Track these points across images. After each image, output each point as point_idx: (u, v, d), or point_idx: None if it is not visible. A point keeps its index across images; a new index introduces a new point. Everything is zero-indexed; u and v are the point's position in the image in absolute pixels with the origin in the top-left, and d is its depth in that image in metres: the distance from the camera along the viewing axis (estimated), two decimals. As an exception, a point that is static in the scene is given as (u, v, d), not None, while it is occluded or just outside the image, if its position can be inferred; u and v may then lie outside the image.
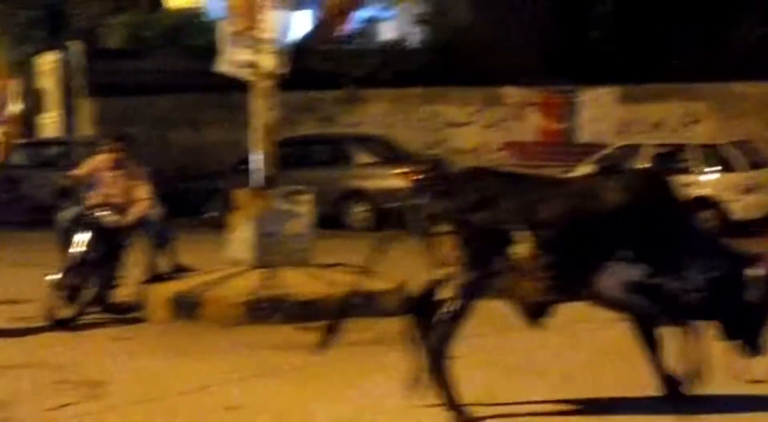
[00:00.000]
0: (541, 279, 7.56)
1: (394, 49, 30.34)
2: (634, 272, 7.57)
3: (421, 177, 19.12)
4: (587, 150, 22.73)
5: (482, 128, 25.25)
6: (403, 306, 8.27)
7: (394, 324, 10.88)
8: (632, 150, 20.98)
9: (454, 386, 7.39)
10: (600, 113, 24.71)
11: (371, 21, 31.63)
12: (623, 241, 7.60)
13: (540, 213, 7.61)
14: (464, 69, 26.17)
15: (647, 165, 19.27)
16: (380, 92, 25.46)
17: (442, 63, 27.37)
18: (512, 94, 25.12)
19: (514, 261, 7.54)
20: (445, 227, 7.63)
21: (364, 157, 22.06)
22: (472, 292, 7.59)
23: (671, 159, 20.37)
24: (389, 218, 9.33)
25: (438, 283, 7.78)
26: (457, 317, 7.56)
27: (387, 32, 32.94)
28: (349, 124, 24.83)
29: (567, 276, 7.64)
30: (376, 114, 25.31)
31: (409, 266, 8.68)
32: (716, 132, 23.08)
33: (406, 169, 21.20)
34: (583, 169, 19.77)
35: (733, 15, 27.16)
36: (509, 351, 9.54)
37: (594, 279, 7.62)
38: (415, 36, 31.89)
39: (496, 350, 9.60)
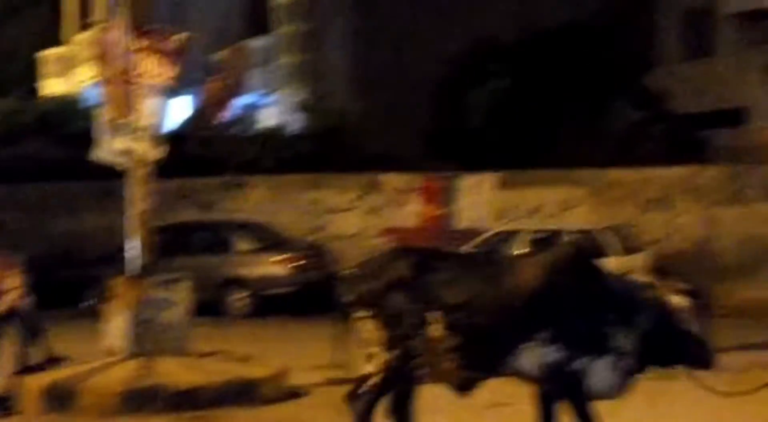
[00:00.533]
0: (453, 359, 7.66)
1: (274, 136, 30.20)
2: (552, 353, 7.62)
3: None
4: (466, 235, 22.85)
5: (363, 214, 25.20)
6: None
7: (274, 412, 10.87)
8: (510, 235, 21.32)
9: None
10: (479, 199, 24.77)
11: (251, 107, 31.39)
12: (542, 321, 7.65)
13: (449, 294, 7.71)
14: (344, 155, 26.25)
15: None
16: (260, 178, 25.35)
17: (322, 149, 27.35)
18: (392, 180, 25.14)
19: (427, 341, 7.67)
20: (363, 311, 7.88)
21: (243, 244, 22.04)
22: (391, 372, 7.77)
23: (548, 244, 20.57)
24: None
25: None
26: (379, 393, 7.84)
27: (267, 119, 32.94)
28: (230, 211, 24.67)
29: (477, 356, 7.70)
30: (257, 200, 25.16)
31: (290, 353, 8.71)
32: (592, 217, 23.47)
33: (285, 256, 21.25)
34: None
35: (607, 102, 27.91)
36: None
37: (510, 358, 7.70)
38: (296, 122, 31.81)
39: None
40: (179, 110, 14.40)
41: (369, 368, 7.91)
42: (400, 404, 7.96)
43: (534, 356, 7.69)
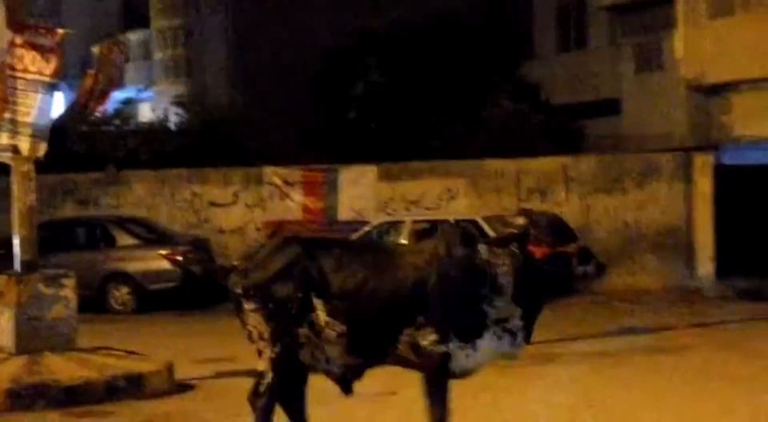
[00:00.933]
0: (338, 345, 7.74)
1: (154, 130, 30.04)
2: (425, 336, 7.69)
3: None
4: (349, 227, 23.07)
5: (245, 207, 25.08)
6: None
7: (161, 406, 10.92)
8: (392, 226, 21.45)
9: None
10: (360, 191, 24.80)
11: (130, 102, 31.26)
12: (422, 306, 7.72)
13: (334, 282, 7.77)
14: (225, 149, 26.24)
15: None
16: (141, 173, 25.07)
17: (202, 143, 27.24)
18: (273, 173, 25.04)
19: (315, 329, 7.73)
20: (251, 303, 7.83)
21: (125, 239, 21.83)
22: (283, 362, 7.79)
23: (431, 234, 20.63)
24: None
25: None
26: (273, 390, 7.81)
27: (146, 113, 32.70)
28: (111, 206, 24.46)
29: (359, 346, 7.78)
30: (138, 195, 24.91)
31: (175, 347, 8.74)
32: (473, 207, 23.69)
33: (168, 251, 21.12)
34: None
35: (484, 94, 28.08)
36: None
37: (393, 345, 7.78)
38: (175, 117, 31.70)
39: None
40: (58, 105, 14.24)
41: (260, 365, 7.90)
42: (291, 394, 8.02)
43: (412, 340, 7.76)
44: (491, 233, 19.67)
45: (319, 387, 8.19)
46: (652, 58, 28.97)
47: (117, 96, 24.60)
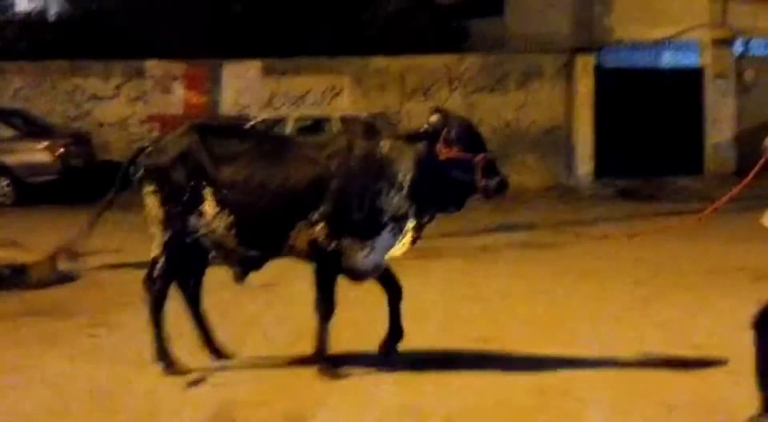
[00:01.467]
0: (228, 235, 7.79)
1: (32, 21, 29.72)
2: (318, 231, 7.71)
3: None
4: (232, 122, 22.95)
5: (126, 101, 25.05)
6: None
7: (44, 296, 10.93)
8: (276, 122, 21.59)
9: (168, 339, 7.86)
10: (244, 86, 24.96)
11: None
12: (317, 201, 7.70)
13: (225, 171, 7.77)
14: (107, 41, 26.04)
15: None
16: (19, 64, 24.84)
17: (83, 35, 27.00)
18: (155, 67, 25.04)
19: (205, 218, 7.78)
20: (149, 185, 7.89)
21: (3, 131, 21.49)
22: (174, 249, 7.86)
23: (315, 130, 20.90)
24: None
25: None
26: (167, 275, 7.88)
27: (24, 3, 32.27)
28: None
29: (249, 238, 7.83)
30: (15, 87, 24.73)
31: (58, 239, 8.76)
32: (357, 104, 24.02)
33: (48, 143, 20.97)
34: None
35: None
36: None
37: (285, 238, 7.79)
38: (55, 7, 31.20)
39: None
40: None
41: (153, 250, 7.94)
42: (186, 280, 8.12)
43: (304, 234, 7.77)
44: (385, 131, 20.42)
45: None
46: None
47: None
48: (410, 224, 7.82)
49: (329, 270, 7.85)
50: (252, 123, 21.73)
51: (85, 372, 7.84)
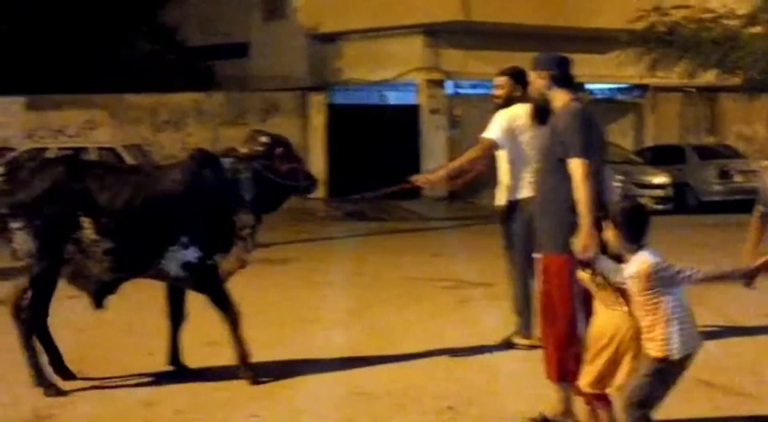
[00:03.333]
0: (104, 261, 7.71)
1: None
2: (192, 254, 7.82)
3: None
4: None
5: None
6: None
7: None
8: (39, 152, 21.07)
9: (39, 360, 7.72)
10: (8, 119, 24.98)
11: None
12: (181, 226, 7.80)
13: (101, 200, 7.64)
14: None
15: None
16: None
17: None
18: None
19: (81, 246, 7.66)
20: (17, 221, 7.62)
21: None
22: (47, 278, 7.72)
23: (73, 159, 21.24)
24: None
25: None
26: (40, 304, 7.76)
27: None
28: None
29: (125, 263, 7.80)
30: None
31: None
32: (113, 136, 24.37)
33: None
34: None
35: (123, 34, 28.53)
36: None
37: (156, 260, 7.82)
38: None
39: None
40: None
41: (26, 281, 7.79)
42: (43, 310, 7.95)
43: (177, 258, 7.83)
44: (130, 160, 20.25)
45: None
46: (278, 7, 29.93)
47: None
48: (249, 231, 8.10)
49: (215, 286, 8.00)
50: (15, 154, 21.67)
51: None
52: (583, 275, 6.09)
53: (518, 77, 9.06)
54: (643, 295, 5.68)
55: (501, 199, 9.09)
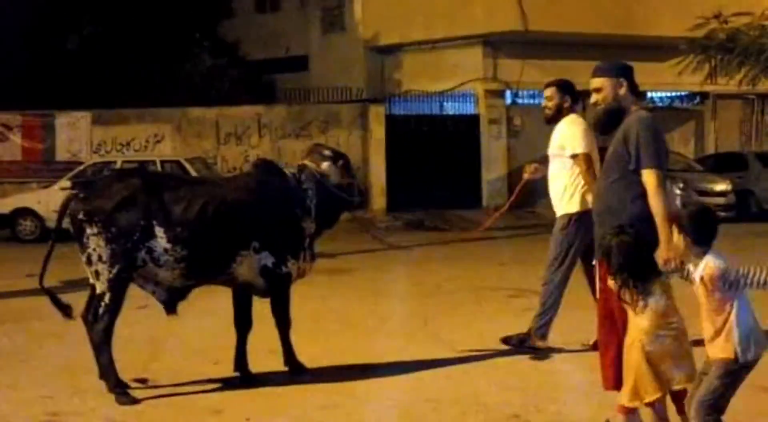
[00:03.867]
0: (176, 268, 7.90)
1: None
2: (267, 259, 8.08)
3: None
4: (66, 167, 23.54)
5: None
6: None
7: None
8: (106, 166, 21.72)
9: (114, 367, 7.85)
10: (76, 134, 25.17)
11: None
12: (251, 233, 8.04)
13: (173, 211, 7.84)
14: None
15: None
16: None
17: None
18: None
19: (153, 254, 7.84)
20: (93, 227, 7.81)
21: None
22: (120, 284, 7.85)
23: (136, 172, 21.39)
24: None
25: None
26: (113, 310, 7.87)
27: None
28: None
29: (200, 270, 8.00)
30: None
31: None
32: (177, 150, 24.64)
33: None
34: (63, 184, 20.84)
35: (186, 49, 28.75)
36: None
37: (227, 266, 8.03)
38: None
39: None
40: None
41: (98, 287, 7.93)
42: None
43: (250, 263, 8.05)
44: (194, 173, 20.29)
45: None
46: (336, 21, 30.13)
47: None
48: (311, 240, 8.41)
49: (282, 292, 8.28)
50: (82, 167, 22.10)
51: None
52: (611, 284, 6.05)
53: (566, 88, 9.18)
54: (712, 297, 5.65)
55: (570, 208, 9.00)
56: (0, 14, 28.22)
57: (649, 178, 6.43)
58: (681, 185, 22.60)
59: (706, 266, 5.64)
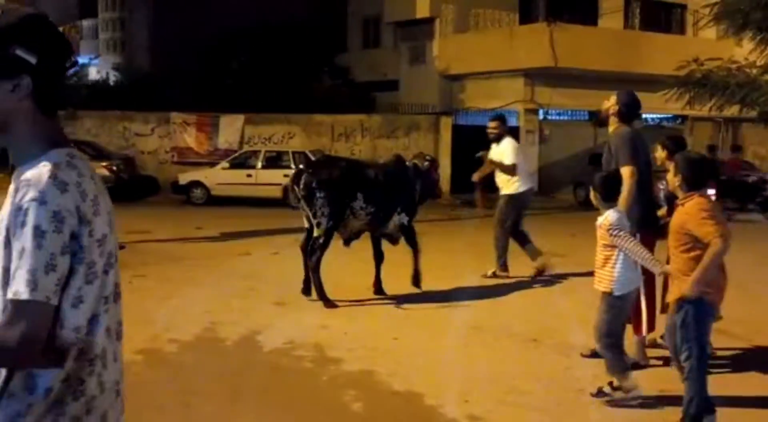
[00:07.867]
0: (365, 220, 8.42)
1: (99, 85, 29.64)
2: (404, 218, 8.64)
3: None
4: (226, 153, 23.61)
5: (157, 138, 25.15)
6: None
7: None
8: (254, 153, 21.98)
9: (323, 286, 8.19)
10: (233, 130, 25.11)
11: (83, 66, 30.75)
12: (399, 201, 8.59)
13: (367, 181, 8.35)
14: (145, 99, 26.00)
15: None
16: (89, 113, 24.81)
17: (131, 95, 26.94)
18: (177, 116, 25.06)
19: (353, 210, 8.28)
20: (321, 192, 8.14)
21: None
22: (332, 230, 8.25)
23: (278, 159, 21.36)
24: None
25: (310, 228, 8.32)
26: (324, 247, 8.22)
27: (94, 74, 32.41)
28: (69, 134, 23.88)
29: (376, 220, 8.49)
30: (86, 127, 24.73)
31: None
32: (303, 145, 24.29)
33: (108, 163, 21.26)
34: (223, 164, 21.17)
35: (312, 74, 28.74)
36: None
37: (387, 221, 8.58)
38: (113, 77, 31.24)
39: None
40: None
41: (316, 232, 8.19)
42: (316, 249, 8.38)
43: (395, 221, 8.60)
44: (313, 158, 20.58)
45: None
46: (420, 56, 29.66)
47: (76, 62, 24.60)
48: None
49: (414, 234, 8.86)
50: (237, 154, 22.16)
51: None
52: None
53: (504, 120, 10.61)
54: (604, 240, 5.59)
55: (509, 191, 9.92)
56: (187, 44, 28.55)
57: (624, 171, 6.57)
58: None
59: (606, 217, 5.60)
